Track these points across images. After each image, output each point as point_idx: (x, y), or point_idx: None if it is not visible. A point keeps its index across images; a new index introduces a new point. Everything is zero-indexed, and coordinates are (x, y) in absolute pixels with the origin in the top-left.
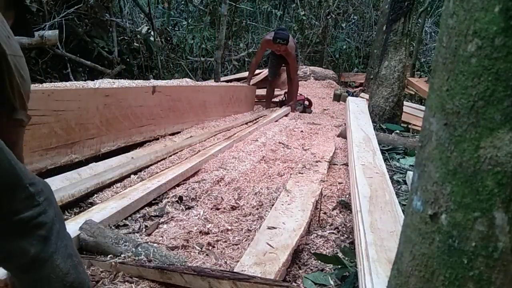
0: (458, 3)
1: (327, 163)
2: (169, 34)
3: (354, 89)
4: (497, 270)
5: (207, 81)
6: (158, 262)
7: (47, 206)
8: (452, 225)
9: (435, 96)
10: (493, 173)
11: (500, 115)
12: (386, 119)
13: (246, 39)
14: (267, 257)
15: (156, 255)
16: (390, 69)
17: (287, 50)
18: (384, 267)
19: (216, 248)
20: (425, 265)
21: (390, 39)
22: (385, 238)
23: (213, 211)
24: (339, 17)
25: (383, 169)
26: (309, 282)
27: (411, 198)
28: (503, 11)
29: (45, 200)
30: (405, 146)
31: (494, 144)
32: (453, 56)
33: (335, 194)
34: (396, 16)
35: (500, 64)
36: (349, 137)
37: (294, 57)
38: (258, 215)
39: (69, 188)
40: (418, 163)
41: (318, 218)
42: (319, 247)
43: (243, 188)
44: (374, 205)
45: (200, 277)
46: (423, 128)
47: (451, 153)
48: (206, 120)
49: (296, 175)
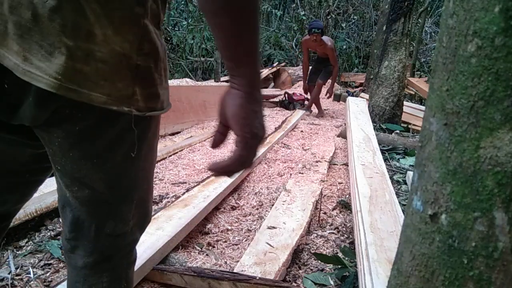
0: (458, 3)
1: (327, 163)
2: (169, 34)
3: (354, 89)
4: (497, 270)
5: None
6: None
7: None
8: (452, 225)
9: (435, 96)
10: (493, 173)
11: (500, 115)
12: (386, 119)
13: None
14: (267, 257)
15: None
16: (390, 69)
17: (323, 42)
18: (384, 267)
19: (216, 248)
20: (425, 265)
21: (390, 39)
22: (385, 238)
23: (213, 211)
24: (339, 17)
25: (383, 169)
26: (309, 282)
27: (411, 198)
28: (503, 11)
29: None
30: (405, 146)
31: (494, 144)
32: (453, 56)
33: (335, 194)
34: (396, 16)
35: (500, 64)
36: (349, 137)
37: (331, 49)
38: (258, 215)
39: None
40: (418, 163)
41: (318, 218)
42: (319, 247)
43: (243, 188)
44: (374, 205)
45: (200, 278)
46: (423, 128)
47: (451, 153)
48: (206, 120)
49: (296, 175)
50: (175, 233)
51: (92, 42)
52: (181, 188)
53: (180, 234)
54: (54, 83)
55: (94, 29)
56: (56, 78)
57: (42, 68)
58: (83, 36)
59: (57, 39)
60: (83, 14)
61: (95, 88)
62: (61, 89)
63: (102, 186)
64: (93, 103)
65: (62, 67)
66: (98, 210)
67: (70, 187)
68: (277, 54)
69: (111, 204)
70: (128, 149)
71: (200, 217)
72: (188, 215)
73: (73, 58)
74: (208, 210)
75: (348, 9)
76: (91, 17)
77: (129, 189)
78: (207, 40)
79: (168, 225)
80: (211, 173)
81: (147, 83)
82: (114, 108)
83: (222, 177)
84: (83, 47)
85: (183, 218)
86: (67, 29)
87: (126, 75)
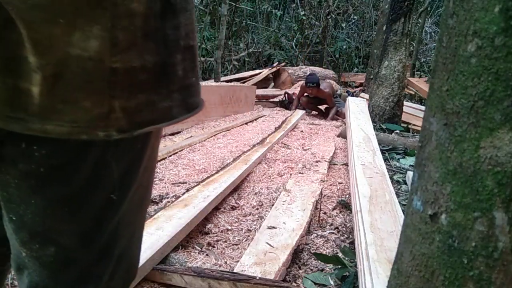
0: (458, 3)
1: (327, 163)
2: None
3: (354, 89)
4: (497, 270)
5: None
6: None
7: None
8: (452, 225)
9: (435, 96)
10: (493, 173)
11: (500, 115)
12: (386, 119)
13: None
14: (267, 257)
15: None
16: (390, 69)
17: (320, 91)
18: (384, 267)
19: (216, 248)
20: (425, 265)
21: (390, 39)
22: (385, 238)
23: (213, 211)
24: (339, 17)
25: (383, 169)
26: (309, 282)
27: (411, 198)
28: (503, 11)
29: None
30: (405, 146)
31: (494, 144)
32: (453, 56)
33: (335, 194)
34: (396, 16)
35: (500, 64)
36: (349, 137)
37: (329, 94)
38: (258, 215)
39: None
40: (418, 163)
41: (318, 218)
42: (319, 247)
43: (243, 188)
44: (374, 205)
45: (200, 278)
46: (423, 128)
47: (451, 153)
48: (206, 120)
49: (296, 175)
50: (175, 233)
51: (36, 51)
52: (181, 188)
53: (180, 234)
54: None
55: (33, 34)
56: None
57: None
58: (17, 42)
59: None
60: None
61: (51, 115)
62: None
63: (73, 242)
64: (51, 136)
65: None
66: (66, 273)
67: (29, 244)
68: (277, 54)
69: (82, 265)
70: (110, 188)
71: (200, 217)
72: (188, 215)
73: (15, 74)
74: (208, 210)
75: (348, 9)
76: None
77: (110, 242)
78: (207, 40)
79: (168, 225)
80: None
81: (132, 90)
82: (84, 137)
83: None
84: (27, 58)
85: (183, 218)
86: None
87: (96, 88)
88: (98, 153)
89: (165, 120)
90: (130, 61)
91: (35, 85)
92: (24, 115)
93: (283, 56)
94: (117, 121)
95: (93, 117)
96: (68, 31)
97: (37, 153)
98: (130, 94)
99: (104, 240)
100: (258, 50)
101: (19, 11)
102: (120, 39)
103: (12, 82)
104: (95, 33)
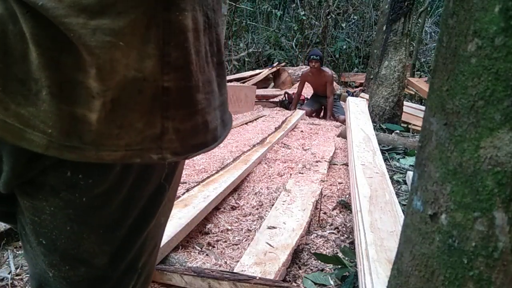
0: (458, 3)
1: (327, 163)
2: None
3: (354, 89)
4: (497, 270)
5: None
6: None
7: None
8: (452, 225)
9: (435, 96)
10: (493, 173)
11: (500, 115)
12: (386, 119)
13: (246, 39)
14: (267, 257)
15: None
16: (390, 69)
17: (323, 72)
18: (384, 267)
19: (216, 248)
20: (425, 265)
21: (390, 39)
22: (385, 238)
23: (213, 211)
24: (339, 17)
25: (383, 169)
26: (309, 282)
27: (411, 198)
28: (503, 11)
29: None
30: (405, 146)
31: (494, 144)
32: (453, 56)
33: (335, 194)
34: (396, 16)
35: (500, 64)
36: (349, 137)
37: (331, 78)
38: (258, 215)
39: None
40: (418, 163)
41: (318, 218)
42: (319, 247)
43: (243, 188)
44: (374, 205)
45: (200, 278)
46: (423, 128)
47: (451, 153)
48: None
49: (296, 175)
50: (175, 233)
51: (98, 76)
52: (181, 188)
53: (180, 234)
54: (41, 139)
55: (96, 59)
56: (43, 131)
57: (23, 116)
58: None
59: (42, 75)
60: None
61: (107, 141)
62: (51, 148)
63: (104, 261)
64: (106, 161)
65: (51, 114)
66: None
67: (58, 266)
68: (277, 54)
69: (110, 281)
70: (146, 207)
71: (200, 217)
72: (188, 215)
73: (70, 99)
74: (208, 210)
75: (348, 9)
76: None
77: (136, 256)
78: None
79: (168, 225)
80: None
81: (188, 112)
82: (137, 161)
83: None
84: (83, 84)
85: (183, 218)
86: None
87: (148, 108)
88: (137, 174)
89: (214, 141)
90: (184, 80)
91: (93, 112)
92: (79, 143)
93: (283, 56)
94: (170, 143)
95: (145, 138)
96: (127, 53)
97: (83, 182)
98: (185, 115)
99: (131, 256)
100: (258, 50)
101: (81, 36)
102: (172, 57)
103: (67, 108)
104: (150, 52)
